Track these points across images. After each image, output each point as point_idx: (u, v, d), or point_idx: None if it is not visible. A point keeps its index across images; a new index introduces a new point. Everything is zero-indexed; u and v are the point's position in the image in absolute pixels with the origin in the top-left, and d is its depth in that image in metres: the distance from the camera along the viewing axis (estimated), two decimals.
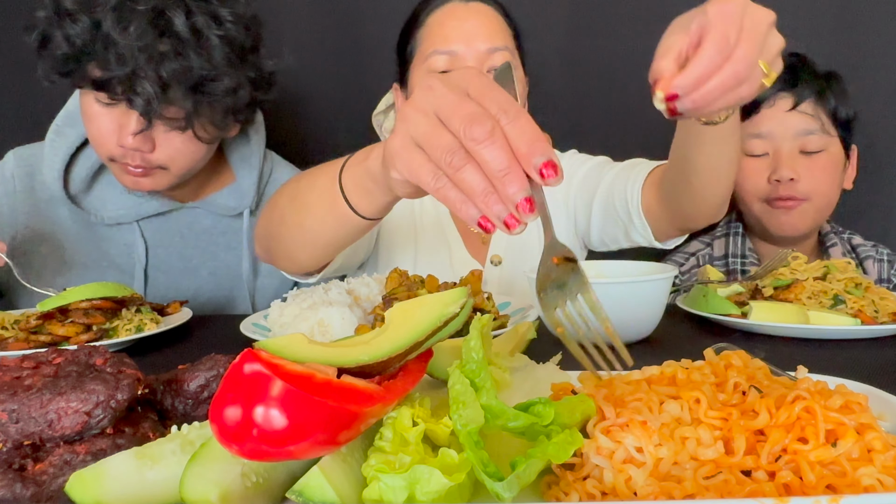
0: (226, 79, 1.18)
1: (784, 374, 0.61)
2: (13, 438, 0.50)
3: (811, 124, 1.46)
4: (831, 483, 0.44)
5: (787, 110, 1.46)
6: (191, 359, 0.64)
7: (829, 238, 1.62)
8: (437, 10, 1.33)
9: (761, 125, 1.48)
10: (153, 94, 1.12)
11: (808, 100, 1.46)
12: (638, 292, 0.92)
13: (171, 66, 1.12)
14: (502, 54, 1.30)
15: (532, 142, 0.51)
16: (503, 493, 0.41)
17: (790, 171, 1.45)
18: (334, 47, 1.82)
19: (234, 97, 1.22)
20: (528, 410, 0.47)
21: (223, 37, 1.17)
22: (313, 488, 0.42)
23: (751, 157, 1.51)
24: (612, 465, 0.46)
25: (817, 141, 1.46)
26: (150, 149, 1.24)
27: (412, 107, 0.57)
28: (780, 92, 1.46)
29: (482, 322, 0.52)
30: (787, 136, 1.47)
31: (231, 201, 1.46)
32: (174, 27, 1.12)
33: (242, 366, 0.42)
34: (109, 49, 1.11)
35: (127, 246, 1.42)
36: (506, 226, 0.52)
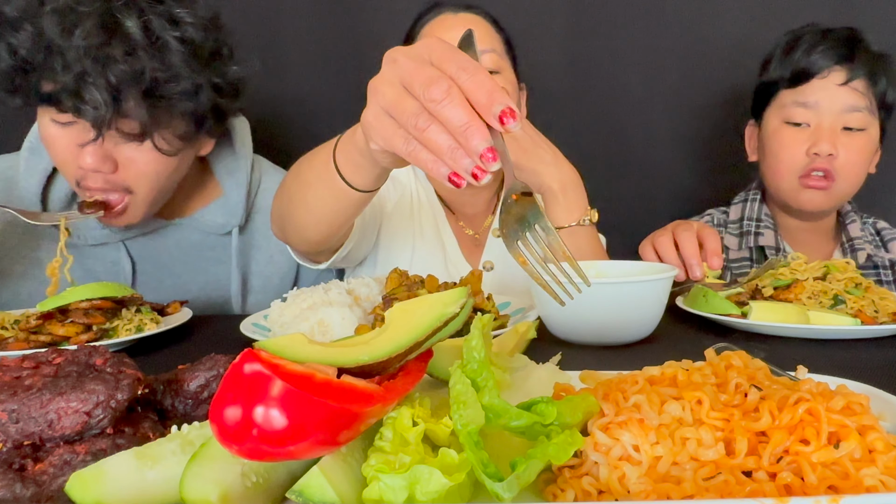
0: (183, 81, 1.12)
1: (784, 374, 0.61)
2: (13, 438, 0.50)
3: (859, 101, 1.44)
4: (833, 484, 0.44)
5: (840, 84, 1.43)
6: (191, 359, 0.64)
7: (848, 216, 1.62)
8: (429, 23, 1.38)
9: (808, 94, 1.45)
10: (101, 101, 1.05)
11: (860, 77, 1.44)
12: (638, 292, 0.92)
13: (119, 68, 1.05)
14: (490, 56, 1.32)
15: (490, 92, 0.55)
16: (503, 494, 0.41)
17: (830, 145, 1.43)
18: (334, 48, 1.82)
19: (193, 101, 1.15)
20: (531, 409, 0.47)
21: (180, 38, 1.11)
22: (313, 488, 0.42)
23: (790, 126, 1.48)
24: (608, 461, 0.46)
25: (861, 119, 1.44)
26: (110, 169, 1.17)
27: (379, 80, 0.61)
28: (835, 65, 1.43)
29: (483, 322, 0.52)
30: (834, 109, 1.44)
31: (219, 218, 1.41)
32: (125, 29, 1.07)
33: (242, 366, 0.42)
34: (55, 56, 1.05)
35: (113, 263, 1.37)
36: (473, 177, 0.55)
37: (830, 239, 1.65)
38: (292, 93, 1.85)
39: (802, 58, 1.46)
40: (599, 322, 0.92)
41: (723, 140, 1.89)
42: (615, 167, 1.91)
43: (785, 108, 1.49)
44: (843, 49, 1.44)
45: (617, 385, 0.55)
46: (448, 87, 0.55)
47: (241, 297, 1.44)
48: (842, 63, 1.44)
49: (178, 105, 1.14)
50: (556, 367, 0.69)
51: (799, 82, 1.46)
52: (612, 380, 0.57)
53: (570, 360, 0.72)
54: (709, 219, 1.69)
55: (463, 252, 1.47)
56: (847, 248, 1.59)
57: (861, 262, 1.55)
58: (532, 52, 1.81)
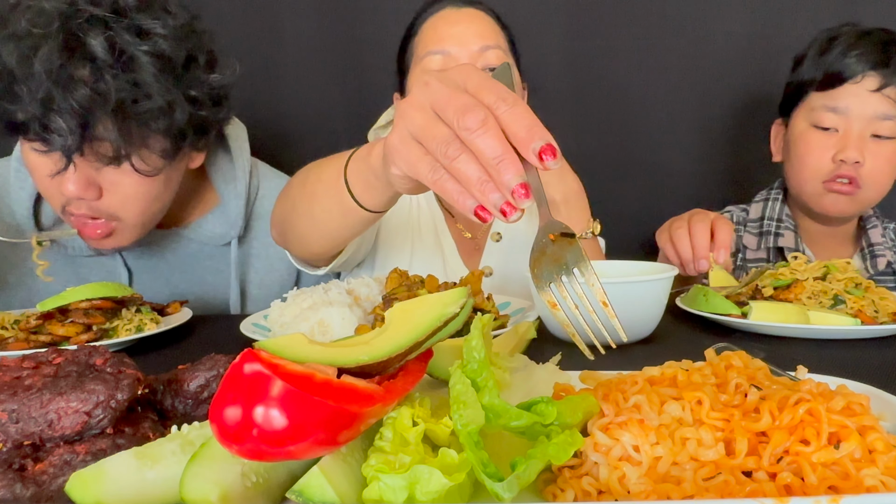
0: (157, 98, 1.05)
1: (784, 374, 0.61)
2: (13, 438, 0.50)
3: (891, 109, 1.40)
4: (833, 484, 0.44)
5: (872, 90, 1.39)
6: (191, 359, 0.64)
7: (870, 221, 1.60)
8: (431, 17, 1.36)
9: (839, 99, 1.41)
10: (66, 129, 1.00)
11: (894, 84, 1.39)
12: (638, 292, 0.92)
13: (82, 92, 0.99)
14: (495, 52, 1.31)
15: (530, 126, 0.52)
16: (503, 494, 0.41)
17: (858, 153, 1.39)
18: (333, 49, 1.82)
19: (168, 118, 1.08)
20: (531, 409, 0.47)
21: (150, 52, 1.05)
22: (313, 488, 0.42)
23: (818, 131, 1.44)
24: (608, 461, 0.46)
25: (891, 127, 1.40)
26: (94, 195, 1.12)
27: (409, 103, 0.58)
28: (869, 70, 1.39)
29: (483, 321, 0.52)
30: (864, 116, 1.40)
31: (218, 228, 1.38)
32: (88, 48, 1.01)
33: (242, 366, 0.42)
34: (18, 84, 0.99)
35: (109, 273, 1.35)
36: (502, 213, 0.52)
37: (850, 243, 1.62)
38: (291, 94, 1.85)
39: (837, 60, 1.41)
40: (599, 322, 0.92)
41: (724, 139, 1.89)
42: (615, 167, 1.91)
43: (814, 111, 1.45)
44: (879, 54, 1.40)
45: (617, 385, 0.55)
46: (485, 117, 0.52)
47: (239, 306, 1.42)
48: (876, 69, 1.39)
49: (152, 124, 1.08)
50: (557, 367, 0.69)
51: (831, 86, 1.42)
52: (611, 380, 0.57)
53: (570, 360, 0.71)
54: (728, 216, 1.65)
55: (461, 256, 1.47)
56: (867, 253, 1.56)
57: (881, 269, 1.53)
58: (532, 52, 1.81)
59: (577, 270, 0.56)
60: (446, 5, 1.36)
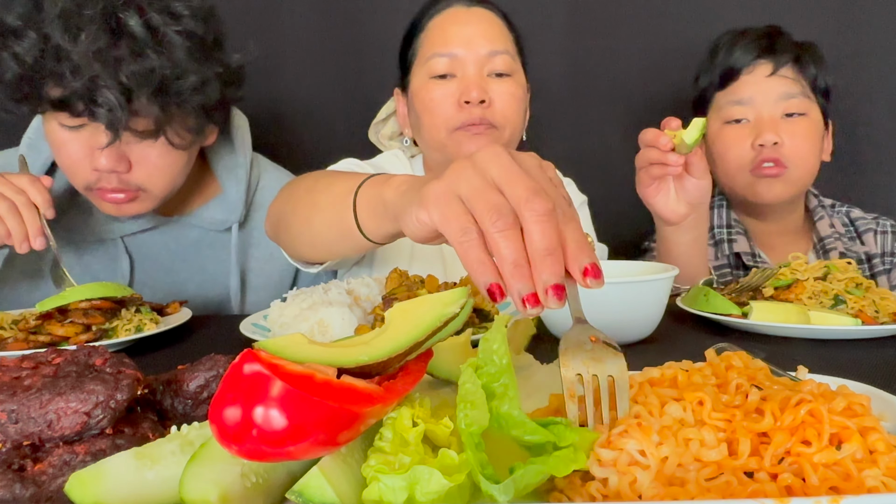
0: (191, 76, 1.12)
1: (784, 375, 0.61)
2: (13, 438, 0.50)
3: (792, 87, 1.45)
4: (835, 485, 0.44)
5: (768, 75, 1.45)
6: (191, 359, 0.64)
7: (816, 212, 1.60)
8: (439, 15, 1.33)
9: (742, 91, 1.47)
10: (116, 103, 1.05)
11: (787, 65, 1.45)
12: (638, 292, 0.92)
13: (130, 68, 1.05)
14: (503, 58, 1.30)
15: (581, 242, 0.52)
16: (498, 497, 0.41)
17: (773, 134, 1.43)
18: (334, 48, 1.82)
19: (203, 95, 1.15)
20: (548, 427, 0.46)
21: (182, 32, 1.11)
22: (313, 489, 0.42)
23: (733, 125, 1.49)
24: (617, 469, 0.45)
25: (799, 104, 1.45)
26: (125, 168, 1.18)
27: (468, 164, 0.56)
28: (758, 58, 1.46)
29: (503, 320, 0.51)
30: (769, 100, 1.46)
31: (219, 214, 1.41)
32: (129, 28, 1.06)
33: (242, 366, 0.42)
34: (63, 62, 1.04)
35: (111, 260, 1.37)
36: (523, 302, 0.49)
37: (803, 239, 1.63)
38: (291, 92, 1.85)
39: (725, 58, 1.48)
40: (599, 322, 0.92)
41: None
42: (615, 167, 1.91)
43: (722, 109, 1.50)
44: (763, 41, 1.46)
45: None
46: (552, 209, 0.51)
47: (239, 294, 1.43)
48: (764, 55, 1.45)
49: (190, 100, 1.14)
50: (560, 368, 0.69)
51: (728, 81, 1.48)
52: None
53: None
54: None
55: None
56: (819, 248, 1.57)
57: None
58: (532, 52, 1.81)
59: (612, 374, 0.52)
60: (454, 3, 1.33)
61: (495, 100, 1.29)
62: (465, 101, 1.27)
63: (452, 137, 1.31)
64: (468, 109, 1.28)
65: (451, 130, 1.30)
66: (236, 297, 1.43)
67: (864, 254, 1.56)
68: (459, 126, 1.29)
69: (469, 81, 1.27)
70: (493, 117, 1.29)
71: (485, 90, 1.27)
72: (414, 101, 1.36)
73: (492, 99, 1.29)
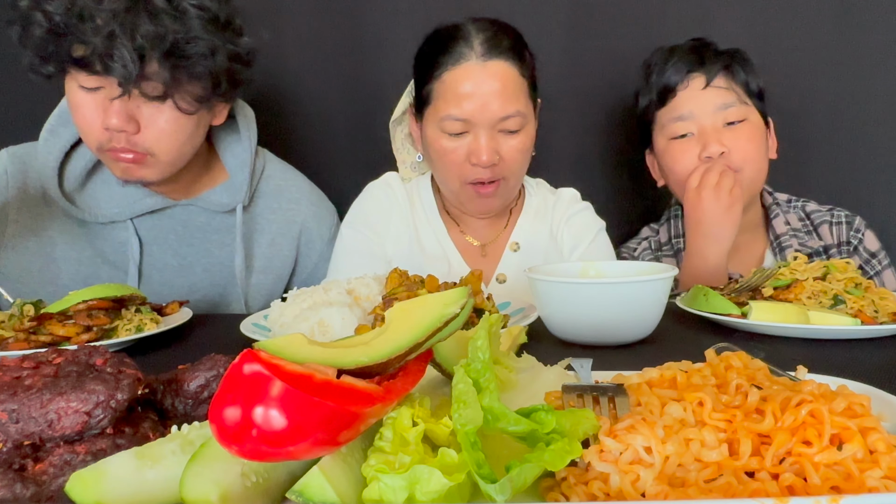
0: (201, 43, 1.21)
1: (784, 375, 0.61)
2: (13, 438, 0.50)
3: (727, 97, 1.48)
4: (836, 485, 0.44)
5: (702, 88, 1.49)
6: (191, 359, 0.64)
7: (771, 210, 1.63)
8: (455, 68, 1.30)
9: (681, 107, 1.50)
10: (129, 59, 1.14)
11: (718, 75, 1.48)
12: (638, 292, 0.92)
13: (145, 29, 1.15)
14: (515, 120, 1.31)
15: None
16: (495, 496, 0.41)
17: (719, 144, 1.46)
18: (334, 47, 1.82)
19: (211, 62, 1.24)
20: (530, 416, 0.47)
21: (197, 5, 1.21)
22: (313, 488, 0.42)
23: (677, 140, 1.52)
24: (619, 468, 0.45)
25: (737, 112, 1.48)
26: (134, 129, 1.25)
27: None
28: (690, 73, 1.49)
29: (490, 321, 0.52)
30: (708, 112, 1.48)
31: (224, 197, 1.47)
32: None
33: (242, 366, 0.42)
34: (86, 21, 1.15)
35: (121, 244, 1.43)
36: None
37: (760, 239, 1.65)
38: (292, 92, 1.85)
39: (659, 77, 1.52)
40: (599, 322, 0.92)
41: None
42: (615, 167, 1.92)
43: (665, 126, 1.53)
44: (692, 56, 1.50)
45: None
46: None
47: (244, 273, 1.48)
48: (695, 69, 1.49)
49: (197, 65, 1.23)
50: (564, 370, 0.69)
51: (666, 99, 1.52)
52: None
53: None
54: (646, 243, 1.71)
55: (468, 263, 1.47)
56: (775, 246, 1.59)
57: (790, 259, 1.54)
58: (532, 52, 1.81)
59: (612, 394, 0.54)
60: (468, 55, 1.29)
61: (504, 156, 1.33)
62: (475, 163, 1.32)
63: (464, 190, 1.38)
64: (477, 170, 1.33)
65: (463, 184, 1.37)
66: (242, 279, 1.47)
67: (820, 247, 1.59)
68: (470, 181, 1.35)
69: (480, 145, 1.31)
70: (501, 173, 1.35)
71: (494, 152, 1.31)
72: (427, 145, 1.40)
73: (501, 157, 1.33)
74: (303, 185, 1.59)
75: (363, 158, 1.83)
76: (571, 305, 0.94)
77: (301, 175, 1.61)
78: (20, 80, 1.33)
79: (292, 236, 1.54)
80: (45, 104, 1.42)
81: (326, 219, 1.59)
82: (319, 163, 1.83)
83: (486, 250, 1.50)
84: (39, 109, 1.42)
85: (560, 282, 0.95)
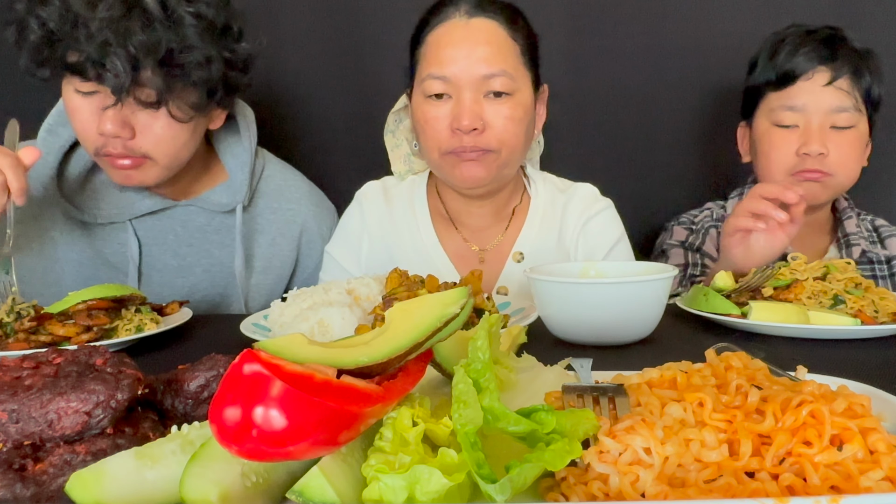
0: (196, 52, 1.20)
1: (784, 375, 0.61)
2: (13, 438, 0.50)
3: (845, 101, 1.45)
4: (836, 485, 0.44)
5: (824, 85, 1.45)
6: (191, 359, 0.64)
7: (845, 213, 1.63)
8: (437, 28, 1.26)
9: (795, 97, 1.47)
10: (122, 70, 1.13)
11: (845, 76, 1.45)
12: (638, 292, 0.92)
13: (138, 39, 1.13)
14: (500, 80, 1.23)
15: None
16: (495, 496, 0.41)
17: (820, 145, 1.44)
18: (334, 47, 1.82)
19: (206, 71, 1.22)
20: (530, 416, 0.47)
21: (194, 13, 1.19)
22: (313, 488, 0.42)
23: (780, 128, 1.49)
24: (618, 469, 0.45)
25: (849, 118, 1.45)
26: (129, 135, 1.24)
27: None
28: (819, 66, 1.45)
29: (490, 322, 0.52)
30: (821, 110, 1.45)
31: (224, 198, 1.47)
32: (143, 4, 1.15)
33: (242, 366, 0.42)
34: (79, 28, 1.13)
35: (120, 245, 1.43)
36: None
37: (826, 234, 1.65)
38: (292, 93, 1.85)
39: (786, 60, 1.48)
40: (599, 322, 0.92)
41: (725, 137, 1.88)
42: (615, 166, 1.91)
43: (773, 111, 1.50)
44: (826, 49, 1.46)
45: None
46: None
47: (244, 273, 1.47)
48: (825, 63, 1.45)
49: (192, 74, 1.21)
50: (564, 370, 0.69)
51: (785, 85, 1.48)
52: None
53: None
54: (708, 213, 1.69)
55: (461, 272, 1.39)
56: (843, 243, 1.59)
57: (856, 257, 1.55)
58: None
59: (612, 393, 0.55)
60: (453, 14, 1.26)
61: (491, 123, 1.24)
62: (457, 128, 1.24)
63: (445, 160, 1.29)
64: (459, 136, 1.24)
65: (444, 153, 1.28)
66: (242, 280, 1.47)
67: (884, 256, 1.59)
68: (451, 151, 1.26)
69: (462, 108, 1.23)
70: (488, 143, 1.25)
71: (478, 116, 1.23)
72: (414, 116, 1.34)
73: (487, 123, 1.24)
74: (302, 185, 1.58)
75: (363, 159, 1.82)
76: (571, 305, 0.94)
77: (301, 175, 1.60)
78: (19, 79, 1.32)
79: (293, 236, 1.54)
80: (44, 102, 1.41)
81: (326, 219, 1.59)
82: (319, 163, 1.83)
83: (484, 256, 1.42)
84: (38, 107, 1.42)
85: (560, 282, 0.95)
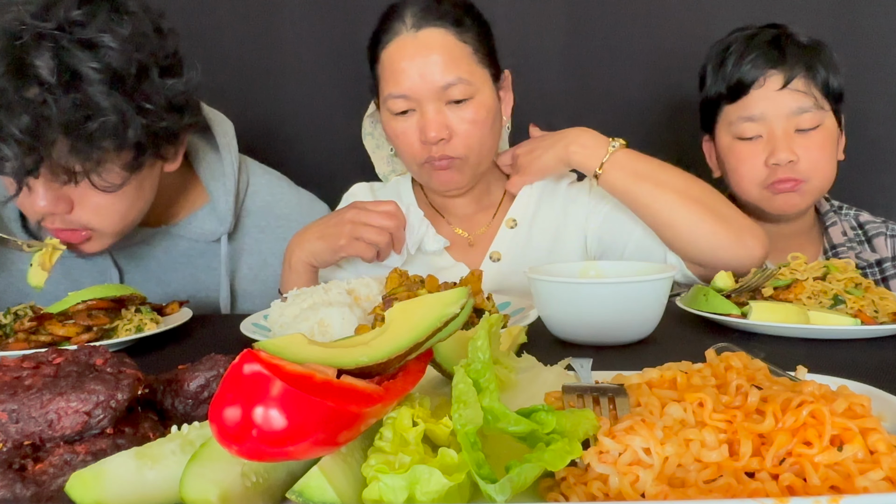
0: (106, 114, 1.02)
1: (784, 375, 0.61)
2: (13, 438, 0.50)
3: (804, 101, 1.37)
4: (836, 485, 0.44)
5: (779, 89, 1.37)
6: (191, 359, 0.64)
7: (828, 217, 1.56)
8: (388, 46, 1.27)
9: (752, 107, 1.40)
10: (12, 155, 0.99)
11: (798, 76, 1.37)
12: (638, 292, 0.92)
13: (23, 119, 0.97)
14: (458, 88, 1.24)
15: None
16: (495, 496, 0.41)
17: (788, 153, 1.37)
18: (333, 48, 1.82)
19: (121, 134, 1.05)
20: (530, 416, 0.47)
21: (98, 68, 1.01)
22: (313, 488, 0.42)
23: (744, 141, 1.43)
24: (618, 469, 0.45)
25: (812, 118, 1.38)
26: (66, 209, 1.12)
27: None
28: (769, 70, 1.38)
29: (490, 322, 0.52)
30: (781, 116, 1.38)
31: (208, 224, 1.37)
32: (34, 70, 0.98)
33: (242, 366, 0.42)
34: None
35: (100, 273, 1.35)
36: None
37: (812, 243, 1.58)
38: (289, 97, 1.85)
39: (735, 70, 1.40)
40: (599, 322, 0.92)
41: None
42: None
43: (733, 124, 1.43)
44: (773, 51, 1.39)
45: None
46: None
47: (229, 305, 1.41)
48: (775, 66, 1.38)
49: (105, 141, 1.04)
50: (564, 370, 0.69)
51: (738, 96, 1.41)
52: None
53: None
54: None
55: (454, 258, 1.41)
56: (831, 256, 1.52)
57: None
58: (532, 52, 1.80)
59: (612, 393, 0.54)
60: (401, 29, 1.26)
61: (456, 130, 1.27)
62: (424, 140, 1.27)
63: (422, 170, 1.34)
64: (429, 147, 1.28)
65: (420, 164, 1.32)
66: (226, 307, 1.41)
67: (874, 260, 1.52)
68: (425, 161, 1.30)
69: (426, 120, 1.25)
70: (455, 150, 1.28)
71: (443, 126, 1.25)
72: (385, 131, 1.36)
73: (452, 131, 1.27)
74: (291, 198, 1.47)
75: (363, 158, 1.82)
76: (571, 305, 0.94)
77: (287, 182, 1.51)
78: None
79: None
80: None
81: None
82: (317, 171, 1.82)
83: (474, 240, 1.43)
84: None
85: (560, 282, 0.95)
